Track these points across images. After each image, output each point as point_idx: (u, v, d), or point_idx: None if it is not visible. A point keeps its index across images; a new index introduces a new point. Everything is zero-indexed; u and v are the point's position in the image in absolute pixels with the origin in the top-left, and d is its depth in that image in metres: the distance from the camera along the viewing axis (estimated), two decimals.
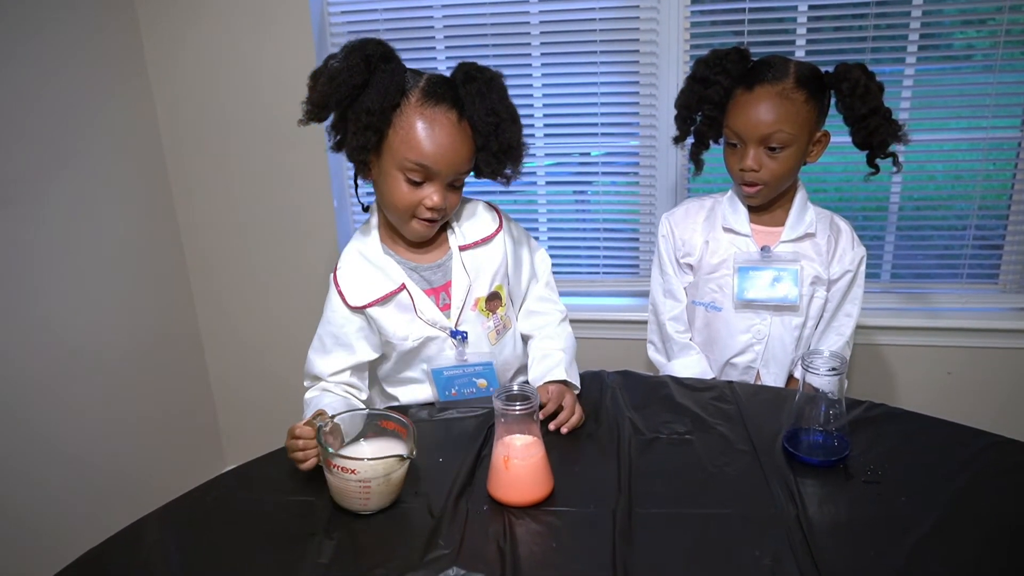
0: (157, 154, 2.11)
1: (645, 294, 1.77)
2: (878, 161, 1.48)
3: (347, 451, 1.06)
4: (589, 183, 2.13)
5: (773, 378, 1.56)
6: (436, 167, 1.22)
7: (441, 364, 1.33)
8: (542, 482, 1.03)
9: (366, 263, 1.33)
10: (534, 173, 2.12)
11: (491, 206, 1.42)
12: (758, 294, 1.51)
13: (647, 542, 0.94)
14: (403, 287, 1.30)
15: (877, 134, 1.41)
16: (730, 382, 1.36)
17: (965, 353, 1.98)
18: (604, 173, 2.10)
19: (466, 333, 1.33)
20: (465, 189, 1.33)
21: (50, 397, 1.75)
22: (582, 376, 1.36)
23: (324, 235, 2.13)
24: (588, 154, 2.09)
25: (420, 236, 1.31)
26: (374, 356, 1.36)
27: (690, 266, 1.60)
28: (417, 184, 1.24)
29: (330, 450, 1.00)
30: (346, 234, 2.14)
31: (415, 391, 1.39)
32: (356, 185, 1.39)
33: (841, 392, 1.08)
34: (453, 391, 1.35)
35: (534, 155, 2.09)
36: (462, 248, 1.34)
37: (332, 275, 1.34)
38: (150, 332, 2.08)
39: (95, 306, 1.88)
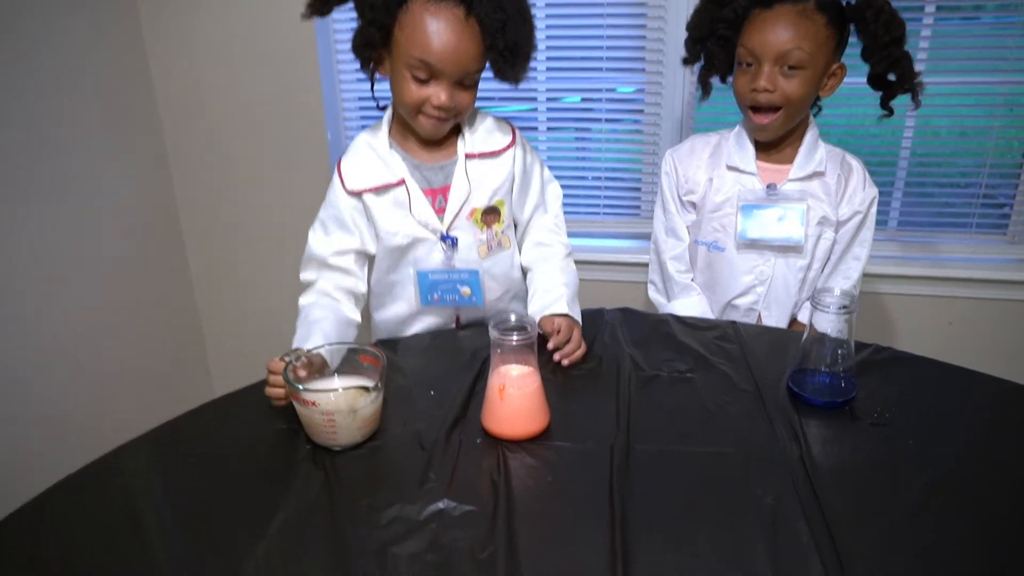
0: (147, 84, 2.02)
1: (647, 236, 1.72)
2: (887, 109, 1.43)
3: (318, 385, 1.01)
4: (590, 128, 2.06)
5: (775, 321, 1.52)
6: (440, 65, 1.19)
7: (428, 266, 1.33)
8: (538, 415, 0.99)
9: (371, 153, 1.32)
10: (535, 118, 2.05)
11: (509, 124, 1.39)
12: (762, 233, 1.46)
13: (645, 479, 0.91)
14: (402, 182, 1.30)
15: (899, 66, 1.35)
16: (733, 322, 1.32)
17: (969, 304, 1.95)
18: (607, 120, 2.03)
19: (456, 239, 1.32)
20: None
21: (35, 331, 1.71)
22: (581, 312, 1.32)
23: (317, 167, 2.07)
24: (591, 97, 2.01)
25: (430, 134, 1.29)
26: (371, 249, 1.35)
27: (693, 204, 1.55)
28: (423, 82, 1.22)
29: (294, 384, 0.96)
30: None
31: (398, 307, 1.39)
32: (372, 84, 1.36)
33: (851, 332, 1.04)
34: (436, 296, 1.35)
35: (535, 97, 2.02)
36: (468, 156, 1.33)
37: (337, 162, 1.34)
38: (138, 267, 2.03)
39: (79, 241, 1.82)
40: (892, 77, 1.40)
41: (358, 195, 1.31)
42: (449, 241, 1.32)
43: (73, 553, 0.81)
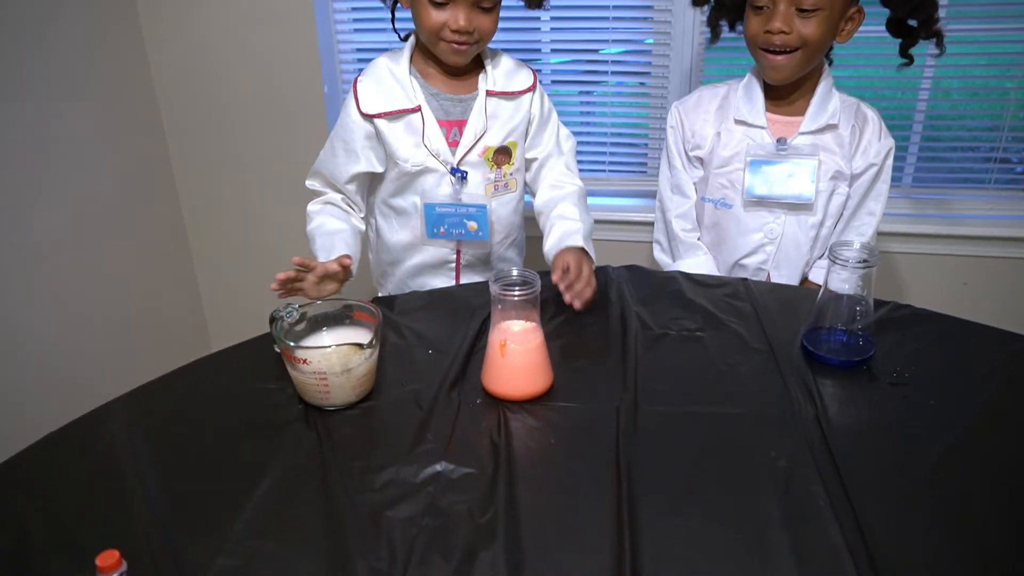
0: (135, 28, 1.95)
1: (654, 194, 1.66)
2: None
3: (309, 342, 0.97)
4: (597, 83, 1.98)
5: (785, 281, 1.46)
6: None
7: (435, 199, 1.32)
8: (541, 373, 0.94)
9: (389, 76, 1.31)
10: (540, 71, 1.97)
11: (530, 68, 1.39)
12: (771, 190, 1.40)
13: (653, 441, 0.87)
14: (418, 109, 1.29)
15: (922, 9, 1.28)
16: (744, 279, 1.27)
17: (986, 263, 1.89)
18: (614, 72, 1.95)
19: (466, 173, 1.32)
20: None
21: (30, 276, 1.66)
22: None
23: (314, 120, 2.00)
24: (597, 51, 1.94)
25: (452, 61, 1.29)
26: (379, 169, 1.35)
27: (700, 160, 1.49)
28: (441, 5, 1.22)
29: (284, 340, 0.91)
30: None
31: (401, 234, 1.39)
32: (393, 15, 1.37)
33: (869, 288, 0.99)
34: (441, 229, 1.35)
35: (539, 50, 1.94)
36: (490, 93, 1.33)
37: (354, 81, 1.32)
38: (135, 222, 1.98)
39: (76, 194, 1.77)
40: (913, 22, 1.33)
41: (371, 118, 1.29)
42: (459, 175, 1.31)
43: (55, 510, 0.77)
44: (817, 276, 1.45)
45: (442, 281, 1.42)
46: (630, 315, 1.14)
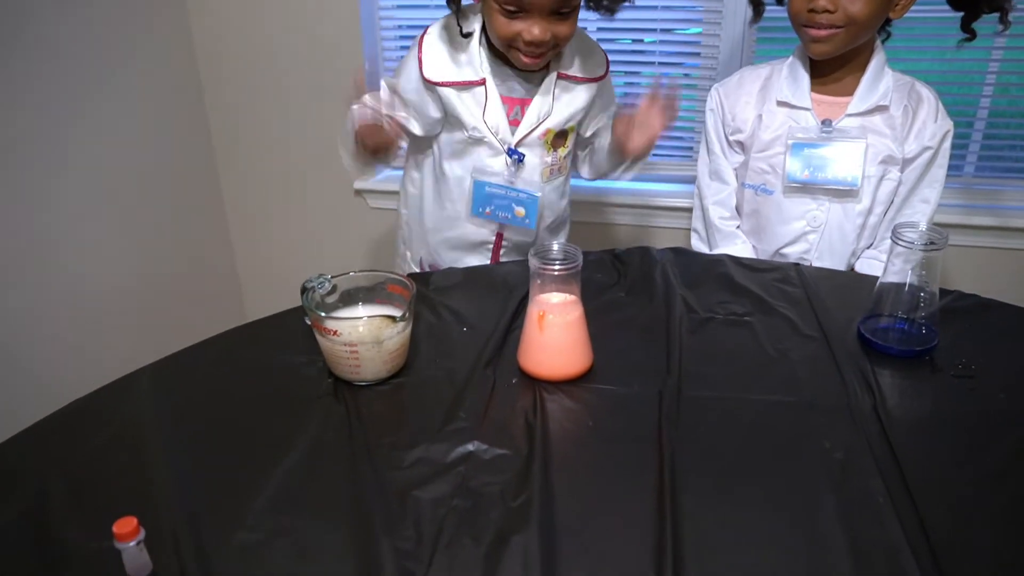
0: (182, 11, 1.94)
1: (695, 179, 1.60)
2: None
3: (342, 314, 0.94)
4: (639, 72, 1.92)
5: None
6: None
7: (488, 177, 1.27)
8: (580, 352, 0.90)
9: (458, 41, 1.23)
10: None
11: (605, 54, 1.34)
12: (813, 175, 1.33)
13: (698, 427, 0.82)
14: (483, 82, 1.23)
15: None
16: (796, 263, 1.20)
17: None
18: (660, 64, 1.89)
19: (524, 155, 1.27)
20: None
21: (69, 243, 1.66)
22: (626, 251, 1.22)
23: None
24: (642, 40, 1.88)
25: (526, 67, 1.21)
26: (419, 132, 1.29)
27: (741, 144, 1.42)
28: (512, 14, 1.12)
29: (315, 310, 0.88)
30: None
31: (442, 206, 1.34)
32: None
33: (934, 274, 0.93)
34: (488, 209, 1.30)
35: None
36: (560, 76, 1.26)
37: (418, 39, 1.24)
38: (173, 190, 1.97)
39: (112, 148, 1.77)
40: None
41: (433, 85, 1.23)
42: (516, 157, 1.26)
43: (76, 476, 0.75)
44: (865, 268, 1.37)
45: (476, 261, 1.38)
46: (674, 298, 1.09)
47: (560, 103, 1.26)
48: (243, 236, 2.24)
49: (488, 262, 1.38)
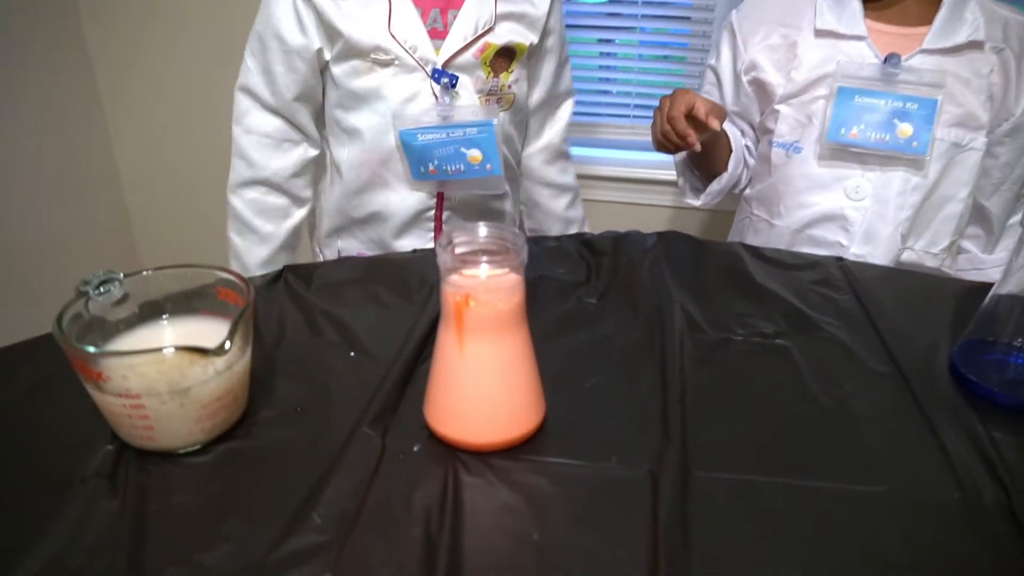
0: None
1: None
2: None
3: (134, 338, 0.57)
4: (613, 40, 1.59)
5: None
6: None
7: (413, 124, 0.91)
8: (523, 397, 0.54)
9: None
10: None
11: None
12: (864, 135, 0.98)
13: (716, 537, 0.48)
14: None
15: None
16: (840, 258, 0.86)
17: None
18: (644, 16, 1.53)
19: (457, 78, 0.91)
20: None
21: None
22: (605, 235, 0.88)
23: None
24: None
25: None
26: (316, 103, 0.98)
27: (758, 87, 1.08)
28: None
29: (74, 341, 0.51)
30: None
31: (356, 165, 0.98)
32: None
33: None
34: (431, 167, 0.94)
35: None
36: None
37: None
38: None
39: None
40: None
41: None
42: (448, 80, 0.90)
43: None
44: (916, 260, 1.04)
45: (416, 240, 1.03)
46: (671, 309, 0.74)
47: (503, 9, 0.92)
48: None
49: (431, 239, 1.02)
